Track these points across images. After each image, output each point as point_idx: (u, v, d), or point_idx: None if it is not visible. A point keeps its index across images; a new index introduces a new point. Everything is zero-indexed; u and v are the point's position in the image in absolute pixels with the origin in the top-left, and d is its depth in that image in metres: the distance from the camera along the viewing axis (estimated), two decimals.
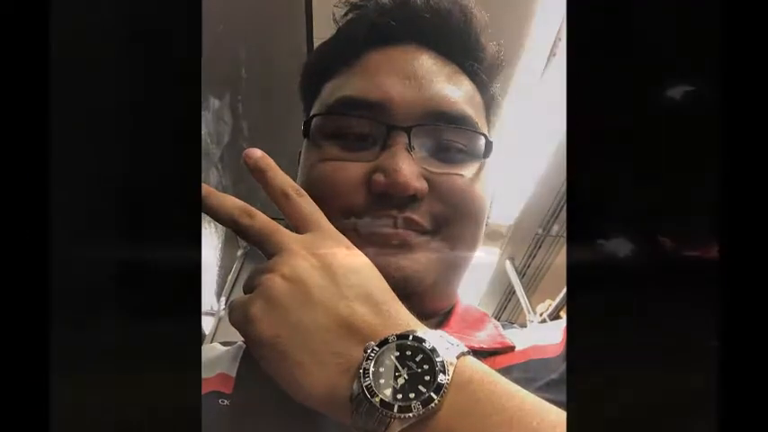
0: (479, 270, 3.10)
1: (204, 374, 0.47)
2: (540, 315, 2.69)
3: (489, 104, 0.54)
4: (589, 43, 0.38)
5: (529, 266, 2.90)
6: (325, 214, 0.43)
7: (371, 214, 0.45)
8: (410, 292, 0.43)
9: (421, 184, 0.45)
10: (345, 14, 0.54)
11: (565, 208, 2.40)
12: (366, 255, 0.42)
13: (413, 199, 0.45)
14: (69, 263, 0.36)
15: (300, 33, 1.31)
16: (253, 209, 0.38)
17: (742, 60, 0.37)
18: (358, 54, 0.50)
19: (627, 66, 0.40)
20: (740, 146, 0.36)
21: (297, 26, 1.29)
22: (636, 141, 0.41)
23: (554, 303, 2.62)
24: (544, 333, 0.50)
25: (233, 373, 0.47)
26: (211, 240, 2.53)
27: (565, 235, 2.59)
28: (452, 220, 0.47)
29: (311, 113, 0.51)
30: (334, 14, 0.54)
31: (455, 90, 0.49)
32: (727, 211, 0.37)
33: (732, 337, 0.34)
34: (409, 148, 0.45)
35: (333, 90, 0.50)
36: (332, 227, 0.40)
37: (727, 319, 0.36)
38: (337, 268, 0.35)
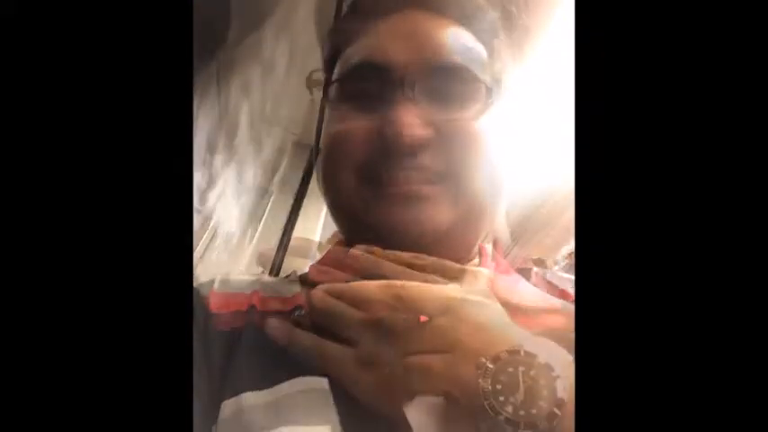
0: None
1: None
2: None
3: (492, 55, 0.57)
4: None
5: None
6: (345, 171, 0.49)
7: (385, 166, 0.48)
8: (426, 243, 0.47)
9: (425, 131, 0.47)
10: None
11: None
12: (382, 212, 0.47)
13: (421, 146, 0.47)
14: None
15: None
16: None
17: None
18: (366, 26, 0.55)
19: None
20: None
21: None
22: None
23: None
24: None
25: None
26: None
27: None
28: (462, 165, 0.49)
29: (330, 81, 0.57)
30: None
31: (451, 43, 0.52)
32: None
33: None
34: (411, 100, 0.48)
35: (346, 59, 0.55)
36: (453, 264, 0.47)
37: None
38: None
